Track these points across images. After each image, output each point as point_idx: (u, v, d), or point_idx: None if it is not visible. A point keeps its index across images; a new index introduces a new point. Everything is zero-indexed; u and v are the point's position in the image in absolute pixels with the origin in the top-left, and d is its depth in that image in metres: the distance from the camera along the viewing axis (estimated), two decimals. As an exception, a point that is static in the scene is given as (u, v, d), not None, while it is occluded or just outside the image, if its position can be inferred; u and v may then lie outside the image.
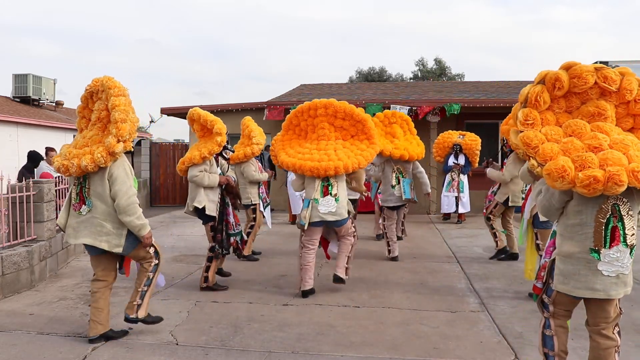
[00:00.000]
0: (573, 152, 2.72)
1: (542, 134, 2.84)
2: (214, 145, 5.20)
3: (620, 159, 2.60)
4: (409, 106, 11.82)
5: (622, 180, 2.56)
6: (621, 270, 2.72)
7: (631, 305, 4.80)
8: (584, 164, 2.64)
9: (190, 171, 5.17)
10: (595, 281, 2.73)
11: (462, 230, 9.26)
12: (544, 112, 2.92)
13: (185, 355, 3.66)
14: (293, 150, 5.44)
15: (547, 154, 2.75)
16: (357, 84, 24.34)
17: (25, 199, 5.69)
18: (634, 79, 2.83)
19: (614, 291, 2.74)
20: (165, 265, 6.05)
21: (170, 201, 14.59)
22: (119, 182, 3.75)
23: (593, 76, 2.81)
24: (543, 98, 2.87)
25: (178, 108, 13.88)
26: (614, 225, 2.71)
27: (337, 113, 5.40)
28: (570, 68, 2.86)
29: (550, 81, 2.86)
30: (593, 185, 2.59)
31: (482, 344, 3.86)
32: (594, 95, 2.89)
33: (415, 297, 5.09)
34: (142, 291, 3.98)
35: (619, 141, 2.70)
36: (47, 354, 3.68)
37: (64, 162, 3.78)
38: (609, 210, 2.71)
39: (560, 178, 2.66)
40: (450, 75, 34.96)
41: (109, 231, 3.76)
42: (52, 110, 20.04)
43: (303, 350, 3.77)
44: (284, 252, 7.44)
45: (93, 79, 3.96)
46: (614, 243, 2.71)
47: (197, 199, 5.19)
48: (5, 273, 5.07)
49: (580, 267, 2.76)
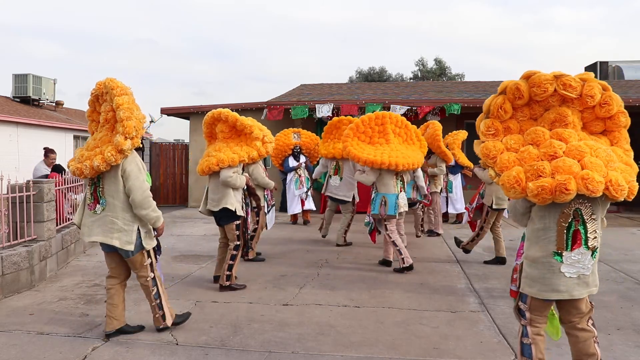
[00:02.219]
0: (528, 161, 2.80)
1: (503, 143, 2.94)
2: (252, 150, 5.33)
3: (571, 167, 2.67)
4: (409, 106, 11.83)
5: (569, 188, 2.62)
6: (582, 271, 2.80)
7: (631, 306, 4.81)
8: (536, 173, 2.72)
9: (225, 172, 5.16)
10: (559, 283, 2.80)
11: (462, 231, 9.25)
12: (507, 121, 3.02)
13: (185, 355, 3.66)
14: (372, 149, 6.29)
15: (503, 164, 2.85)
16: (357, 84, 24.32)
17: (25, 199, 5.69)
18: (595, 85, 2.89)
19: (577, 292, 2.81)
20: (165, 265, 6.06)
21: (170, 201, 14.59)
22: (133, 177, 3.85)
23: (552, 84, 2.88)
24: (504, 108, 2.98)
25: (178, 108, 13.89)
26: (576, 229, 2.78)
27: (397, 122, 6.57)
28: (530, 77, 2.93)
29: (511, 91, 2.96)
30: (541, 195, 2.67)
31: (482, 344, 3.87)
32: (555, 103, 2.96)
33: (415, 297, 5.09)
34: (157, 304, 4.04)
35: (575, 148, 2.76)
36: (47, 354, 3.68)
37: (77, 165, 3.88)
38: (571, 215, 2.78)
39: (513, 188, 2.76)
40: (450, 75, 34.95)
41: (121, 228, 3.85)
42: (52, 110, 20.03)
43: (303, 350, 3.77)
44: (284, 252, 7.44)
45: (97, 82, 4.02)
46: (576, 246, 2.78)
47: (228, 202, 5.22)
48: (5, 273, 5.07)
49: (545, 270, 2.83)
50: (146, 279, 4.00)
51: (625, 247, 7.77)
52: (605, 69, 18.04)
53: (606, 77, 17.72)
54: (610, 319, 4.41)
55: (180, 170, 14.61)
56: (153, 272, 4.03)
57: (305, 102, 12.39)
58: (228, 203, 5.22)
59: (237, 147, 5.35)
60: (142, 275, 4.00)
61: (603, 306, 4.76)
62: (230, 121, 5.40)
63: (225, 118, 5.39)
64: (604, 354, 3.67)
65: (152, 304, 4.05)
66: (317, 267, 6.44)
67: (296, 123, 12.24)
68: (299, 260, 6.84)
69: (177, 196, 14.57)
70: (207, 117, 5.57)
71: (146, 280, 4.00)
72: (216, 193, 5.30)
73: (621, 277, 5.92)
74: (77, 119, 20.01)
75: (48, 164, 8.33)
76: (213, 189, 5.35)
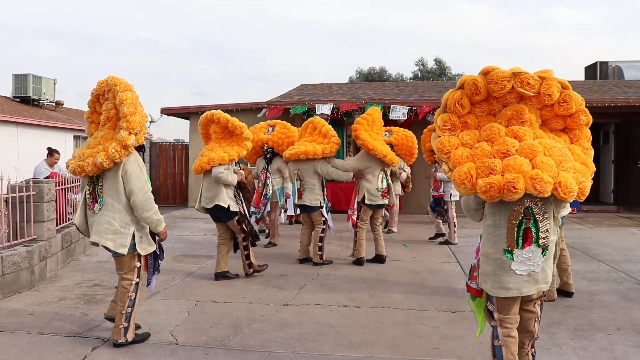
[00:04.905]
0: (481, 158, 2.80)
1: (459, 139, 2.94)
2: (242, 150, 5.62)
3: (521, 166, 2.67)
4: (409, 106, 11.82)
5: (517, 187, 2.62)
6: (533, 268, 2.80)
7: (631, 306, 4.81)
8: (487, 170, 2.73)
9: (216, 169, 5.42)
10: (509, 280, 2.81)
11: (461, 230, 9.25)
12: (465, 116, 3.01)
13: (185, 355, 3.66)
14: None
15: (456, 160, 2.85)
16: (357, 84, 24.32)
17: (25, 199, 5.69)
18: (553, 83, 2.87)
19: (526, 289, 2.82)
20: (165, 265, 6.07)
21: (170, 201, 14.59)
22: (134, 178, 3.77)
23: (510, 82, 2.87)
24: (462, 103, 2.97)
25: (178, 108, 13.89)
26: (527, 227, 2.78)
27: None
28: (488, 73, 2.92)
29: (469, 87, 2.95)
30: (489, 192, 2.68)
31: (482, 344, 3.86)
32: (513, 100, 2.96)
33: (415, 297, 5.09)
34: (127, 313, 3.80)
35: (527, 147, 2.76)
36: (47, 354, 3.68)
37: (79, 163, 3.80)
38: (522, 213, 2.77)
39: (463, 184, 2.77)
40: (450, 75, 34.93)
41: (116, 229, 3.74)
42: (52, 110, 20.02)
43: (303, 350, 3.77)
44: (284, 252, 7.43)
45: (98, 82, 3.98)
46: (527, 244, 2.78)
47: (220, 199, 5.49)
48: (5, 273, 5.07)
49: (496, 267, 2.84)
50: (130, 282, 3.80)
51: (625, 247, 7.77)
52: (605, 69, 18.03)
53: (606, 77, 17.72)
54: (610, 319, 4.41)
55: (180, 170, 14.62)
56: (139, 277, 3.86)
57: (305, 102, 12.40)
58: (220, 200, 5.50)
59: (228, 146, 5.63)
60: (126, 278, 3.81)
61: (603, 306, 4.77)
62: (222, 122, 5.67)
63: (217, 119, 5.66)
64: (604, 354, 3.68)
65: (122, 311, 3.78)
66: (317, 267, 6.44)
67: (296, 122, 12.24)
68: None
69: (177, 196, 14.58)
70: (202, 118, 5.85)
71: (130, 283, 3.80)
72: (209, 191, 5.58)
73: (621, 277, 5.92)
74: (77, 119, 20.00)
75: (50, 164, 8.34)
76: (206, 187, 5.65)
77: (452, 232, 8.06)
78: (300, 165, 6.54)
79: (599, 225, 10.18)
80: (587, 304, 4.80)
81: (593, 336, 4.01)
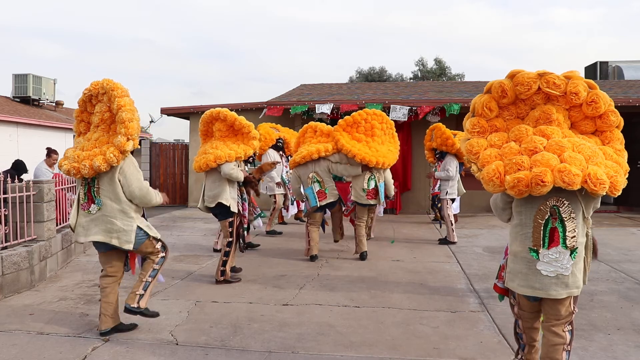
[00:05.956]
0: (509, 156, 2.81)
1: (487, 140, 2.96)
2: (249, 149, 5.60)
3: (549, 160, 2.66)
4: (409, 106, 11.82)
5: (545, 180, 2.60)
6: (560, 271, 2.76)
7: (631, 306, 4.81)
8: (515, 166, 2.73)
9: (226, 166, 5.38)
10: (535, 280, 2.80)
11: (461, 231, 9.25)
12: (493, 119, 3.04)
13: (185, 355, 3.66)
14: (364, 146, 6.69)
15: (485, 159, 2.87)
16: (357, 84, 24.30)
17: (25, 199, 5.69)
18: (580, 82, 2.86)
19: (553, 291, 2.77)
20: (165, 265, 6.04)
21: (170, 201, 14.56)
22: (133, 178, 3.95)
23: (536, 82, 2.89)
24: (490, 107, 3.00)
25: (178, 108, 13.89)
26: (553, 227, 2.76)
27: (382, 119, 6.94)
28: (514, 76, 2.95)
29: (496, 90, 2.98)
30: (517, 187, 2.67)
31: (482, 344, 3.87)
32: (540, 101, 2.97)
33: (415, 297, 5.09)
34: (147, 282, 4.07)
35: (555, 143, 2.76)
36: (47, 354, 3.68)
37: (74, 164, 3.89)
38: (548, 212, 2.76)
39: (491, 181, 2.77)
40: (450, 75, 34.93)
41: (119, 228, 3.90)
42: (52, 110, 20.03)
43: (303, 350, 3.77)
44: (284, 252, 7.44)
45: (92, 83, 4.04)
46: (553, 244, 2.76)
47: (223, 197, 5.46)
48: (5, 273, 5.07)
49: (523, 265, 2.84)
50: (157, 255, 4.09)
51: (625, 247, 7.77)
52: (605, 69, 18.04)
53: (606, 77, 17.73)
54: (610, 319, 4.41)
55: (180, 170, 14.61)
56: (165, 252, 4.15)
57: (305, 102, 12.40)
58: (223, 199, 5.46)
59: (234, 145, 5.58)
60: (154, 253, 4.08)
61: (603, 306, 4.77)
62: (229, 121, 5.62)
63: (224, 117, 5.61)
64: (604, 354, 3.68)
65: (142, 279, 4.06)
66: (317, 267, 6.44)
67: (296, 122, 12.25)
68: (299, 260, 6.84)
69: (177, 196, 14.57)
70: (206, 115, 5.74)
71: (157, 256, 4.09)
72: (212, 189, 5.53)
73: (621, 277, 5.92)
74: (77, 119, 19.98)
75: (49, 164, 8.33)
76: (209, 185, 5.58)
77: (449, 230, 8.04)
78: (315, 167, 6.74)
79: (599, 225, 10.18)
80: (587, 304, 4.80)
81: (593, 336, 4.01)
